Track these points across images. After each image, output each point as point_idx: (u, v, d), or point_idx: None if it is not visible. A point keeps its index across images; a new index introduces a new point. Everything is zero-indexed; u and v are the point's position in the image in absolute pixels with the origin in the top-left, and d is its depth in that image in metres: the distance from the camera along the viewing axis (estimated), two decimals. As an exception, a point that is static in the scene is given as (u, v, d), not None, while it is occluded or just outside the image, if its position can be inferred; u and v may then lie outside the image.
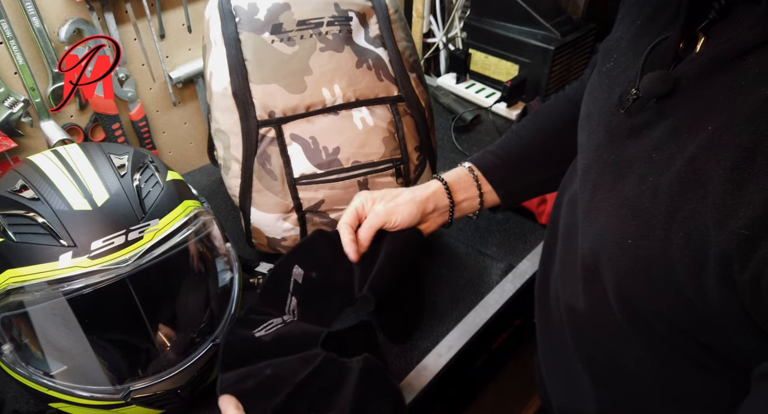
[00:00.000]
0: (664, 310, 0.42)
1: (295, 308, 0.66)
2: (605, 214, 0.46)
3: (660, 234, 0.40)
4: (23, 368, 0.63)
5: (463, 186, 0.72)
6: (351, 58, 0.80)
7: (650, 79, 0.43)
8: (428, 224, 0.71)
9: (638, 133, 0.45)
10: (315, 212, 0.82)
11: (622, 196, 0.44)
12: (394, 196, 0.69)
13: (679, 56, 0.44)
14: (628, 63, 0.50)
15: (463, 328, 0.84)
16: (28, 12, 0.82)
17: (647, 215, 0.41)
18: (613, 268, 0.45)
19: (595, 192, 0.49)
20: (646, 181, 0.42)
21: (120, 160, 0.68)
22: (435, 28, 1.46)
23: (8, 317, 0.61)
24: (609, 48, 0.55)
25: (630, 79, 0.47)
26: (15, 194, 0.62)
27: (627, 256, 0.43)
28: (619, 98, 0.48)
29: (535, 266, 0.94)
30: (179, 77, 1.04)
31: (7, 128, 0.87)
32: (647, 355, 0.48)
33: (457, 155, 1.21)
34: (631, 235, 0.43)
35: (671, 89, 0.42)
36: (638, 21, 0.51)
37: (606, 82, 0.52)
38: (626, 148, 0.46)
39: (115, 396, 0.64)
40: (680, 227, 0.38)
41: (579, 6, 1.33)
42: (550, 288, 0.63)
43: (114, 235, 0.60)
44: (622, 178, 0.45)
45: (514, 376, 1.41)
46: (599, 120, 0.51)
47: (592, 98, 0.55)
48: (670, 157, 0.40)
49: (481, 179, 0.72)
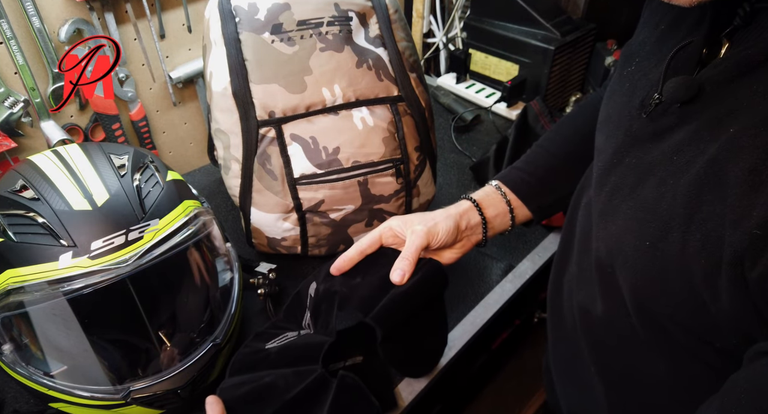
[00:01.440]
0: (680, 314, 0.42)
1: (309, 322, 0.67)
2: (623, 216, 0.46)
3: (678, 236, 0.40)
4: (23, 368, 0.63)
5: (492, 203, 0.71)
6: (351, 58, 0.80)
7: (674, 84, 0.43)
8: (463, 243, 0.70)
9: (660, 137, 0.45)
10: (315, 212, 0.82)
11: (641, 199, 0.45)
12: (429, 217, 0.68)
13: (702, 61, 0.44)
14: (650, 67, 0.50)
15: (463, 328, 0.84)
16: (28, 12, 0.82)
17: (666, 217, 0.41)
18: (630, 271, 0.45)
19: (613, 195, 0.49)
20: (666, 183, 0.42)
21: (120, 160, 0.68)
22: (435, 28, 1.46)
23: (8, 317, 0.61)
24: (631, 52, 0.54)
25: (652, 83, 0.48)
26: (15, 194, 0.62)
27: (644, 259, 0.43)
28: (641, 102, 0.48)
29: (536, 266, 0.94)
30: (179, 77, 1.04)
31: (7, 128, 0.87)
32: (662, 361, 0.48)
33: (457, 155, 1.21)
34: (649, 237, 0.43)
35: (695, 95, 0.42)
36: (662, 26, 0.51)
37: (627, 85, 0.52)
38: (648, 151, 0.46)
39: (115, 396, 0.64)
40: (698, 229, 0.39)
41: (579, 6, 1.33)
42: (564, 292, 0.63)
43: (114, 235, 0.60)
44: (643, 182, 0.45)
45: (514, 376, 1.41)
46: (618, 123, 0.51)
47: (612, 102, 0.54)
48: (690, 160, 0.41)
49: (510, 195, 0.72)
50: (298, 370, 0.60)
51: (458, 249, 0.70)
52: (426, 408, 1.00)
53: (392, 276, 0.63)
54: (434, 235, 0.66)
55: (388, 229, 0.68)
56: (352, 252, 0.67)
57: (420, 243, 0.64)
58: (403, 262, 0.63)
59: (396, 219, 0.69)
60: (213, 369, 0.70)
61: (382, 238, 0.68)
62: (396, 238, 0.68)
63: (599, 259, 0.50)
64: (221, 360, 0.71)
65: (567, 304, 0.62)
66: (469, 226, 0.69)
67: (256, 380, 0.59)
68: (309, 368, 0.60)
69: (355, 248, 0.67)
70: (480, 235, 0.71)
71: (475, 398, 1.37)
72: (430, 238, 0.65)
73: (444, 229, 0.66)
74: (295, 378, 0.59)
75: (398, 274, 0.63)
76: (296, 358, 0.62)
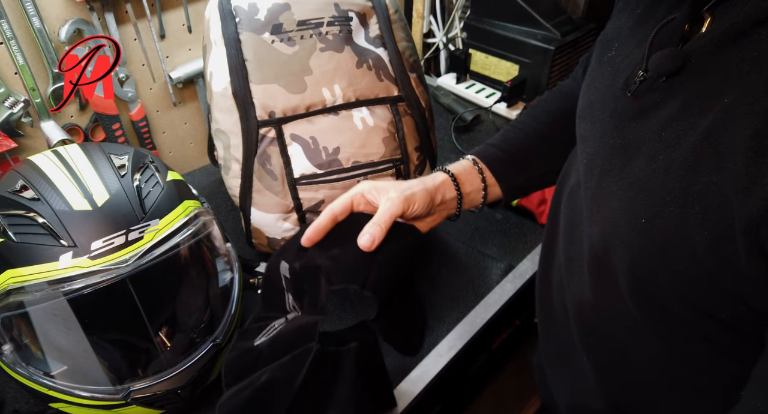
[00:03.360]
0: (681, 288, 0.42)
1: (293, 303, 0.63)
2: (615, 197, 0.46)
3: (675, 210, 0.40)
4: (23, 368, 0.63)
5: (469, 178, 0.70)
6: (351, 58, 0.80)
7: (660, 57, 0.43)
8: (434, 217, 0.68)
9: (645, 114, 0.45)
10: (315, 212, 0.82)
11: (632, 178, 0.45)
12: (405, 186, 0.65)
13: (685, 37, 0.44)
14: (631, 48, 0.50)
15: (463, 328, 0.84)
16: (29, 12, 0.82)
17: (660, 193, 0.41)
18: (627, 250, 0.45)
19: (602, 178, 0.49)
20: (656, 159, 0.42)
21: (120, 161, 0.68)
22: (435, 28, 1.46)
23: (8, 317, 0.61)
24: (608, 39, 0.55)
25: (635, 62, 0.48)
26: (15, 194, 0.62)
27: (641, 237, 0.43)
28: (625, 82, 0.48)
29: (535, 266, 0.94)
30: (179, 77, 1.04)
31: (7, 128, 0.87)
32: (656, 341, 0.48)
33: (457, 155, 1.20)
34: (643, 214, 0.43)
35: (681, 66, 0.42)
36: (638, 9, 0.52)
37: (609, 69, 0.52)
38: (633, 130, 0.46)
39: (115, 396, 0.64)
40: (696, 201, 0.38)
41: (579, 6, 1.33)
42: (552, 285, 0.63)
43: (114, 235, 0.60)
44: (631, 161, 0.45)
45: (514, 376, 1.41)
46: (602, 107, 0.51)
47: (593, 88, 0.55)
48: (681, 134, 0.41)
49: (486, 172, 0.70)
50: (294, 355, 0.56)
51: (429, 222, 0.68)
52: (426, 408, 1.00)
53: (360, 240, 0.59)
54: (410, 204, 0.63)
55: (360, 195, 0.64)
56: (323, 219, 0.62)
57: (395, 211, 0.61)
58: (374, 228, 0.60)
59: (367, 183, 0.65)
60: (213, 369, 0.70)
61: (353, 203, 0.64)
62: (368, 205, 0.64)
63: (591, 245, 0.50)
64: (221, 360, 0.71)
65: (557, 297, 0.62)
66: (444, 200, 0.67)
67: (254, 383, 0.55)
68: (303, 350, 0.56)
69: (326, 215, 0.62)
70: (453, 210, 0.69)
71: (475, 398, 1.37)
72: (405, 208, 0.62)
73: (421, 199, 0.64)
74: (293, 365, 0.55)
75: (367, 239, 0.59)
76: (291, 345, 0.57)
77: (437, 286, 0.90)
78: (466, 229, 1.01)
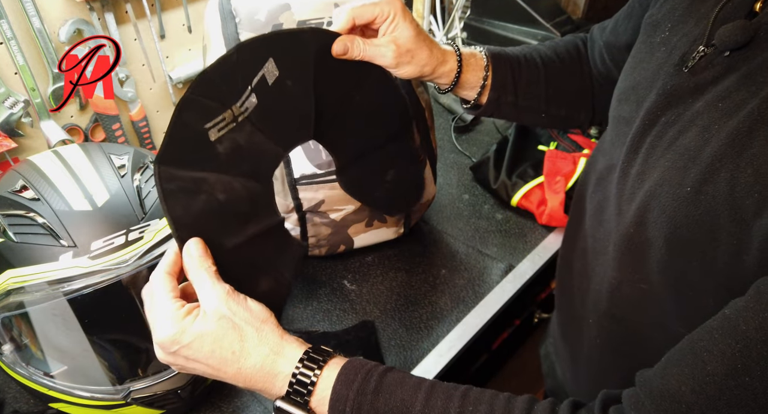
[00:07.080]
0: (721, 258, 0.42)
1: (251, 108, 0.54)
2: (660, 169, 0.47)
3: (726, 175, 0.40)
4: (23, 368, 0.63)
5: (474, 72, 0.68)
6: (351, 58, 0.80)
7: (728, 29, 0.43)
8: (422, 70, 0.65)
9: (703, 89, 0.45)
10: (315, 212, 0.82)
11: (682, 149, 0.45)
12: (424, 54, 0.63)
13: (753, 11, 0.45)
14: (689, 27, 0.50)
15: (463, 328, 0.84)
16: (29, 12, 0.82)
17: (710, 160, 0.42)
18: (667, 221, 0.45)
19: (649, 155, 0.49)
20: (710, 129, 0.43)
21: (120, 161, 0.68)
22: (435, 28, 1.46)
23: (8, 317, 0.62)
24: (657, 21, 0.55)
25: (694, 38, 0.48)
26: (15, 194, 0.62)
27: (685, 205, 0.43)
28: (681, 59, 0.49)
29: (536, 266, 0.94)
30: (179, 77, 1.04)
31: (7, 128, 0.87)
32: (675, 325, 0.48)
33: (457, 155, 1.21)
34: (690, 182, 0.43)
35: (750, 39, 0.42)
36: None
37: (663, 49, 0.52)
38: (689, 106, 0.46)
39: (115, 396, 0.64)
40: (749, 164, 0.39)
41: (579, 6, 1.33)
42: (574, 270, 0.63)
43: (114, 235, 0.60)
44: (683, 134, 0.45)
45: (514, 376, 1.41)
46: (649, 87, 0.51)
47: (639, 69, 0.55)
48: (739, 103, 0.41)
49: (489, 79, 0.69)
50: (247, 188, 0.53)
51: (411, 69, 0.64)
52: (426, 408, 1.00)
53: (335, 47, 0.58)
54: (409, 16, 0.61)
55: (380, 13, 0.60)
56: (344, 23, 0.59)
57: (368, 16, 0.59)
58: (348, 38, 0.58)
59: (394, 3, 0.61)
60: (213, 369, 0.70)
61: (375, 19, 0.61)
62: None
63: (624, 222, 0.51)
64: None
65: (577, 281, 0.62)
66: (437, 70, 0.66)
67: (210, 189, 0.50)
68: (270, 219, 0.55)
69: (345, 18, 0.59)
70: (442, 82, 0.68)
71: (475, 398, 1.37)
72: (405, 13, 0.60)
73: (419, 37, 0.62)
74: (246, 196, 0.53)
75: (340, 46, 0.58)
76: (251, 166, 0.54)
77: (437, 286, 0.90)
78: (466, 229, 1.01)
